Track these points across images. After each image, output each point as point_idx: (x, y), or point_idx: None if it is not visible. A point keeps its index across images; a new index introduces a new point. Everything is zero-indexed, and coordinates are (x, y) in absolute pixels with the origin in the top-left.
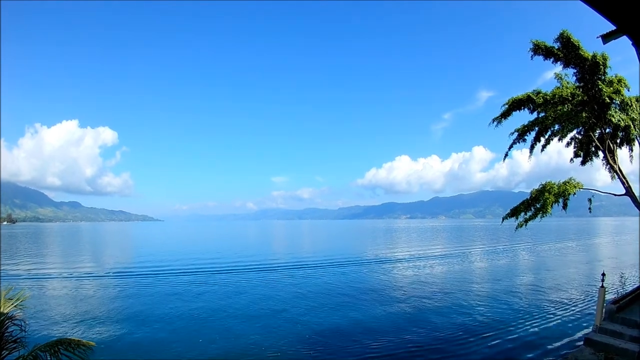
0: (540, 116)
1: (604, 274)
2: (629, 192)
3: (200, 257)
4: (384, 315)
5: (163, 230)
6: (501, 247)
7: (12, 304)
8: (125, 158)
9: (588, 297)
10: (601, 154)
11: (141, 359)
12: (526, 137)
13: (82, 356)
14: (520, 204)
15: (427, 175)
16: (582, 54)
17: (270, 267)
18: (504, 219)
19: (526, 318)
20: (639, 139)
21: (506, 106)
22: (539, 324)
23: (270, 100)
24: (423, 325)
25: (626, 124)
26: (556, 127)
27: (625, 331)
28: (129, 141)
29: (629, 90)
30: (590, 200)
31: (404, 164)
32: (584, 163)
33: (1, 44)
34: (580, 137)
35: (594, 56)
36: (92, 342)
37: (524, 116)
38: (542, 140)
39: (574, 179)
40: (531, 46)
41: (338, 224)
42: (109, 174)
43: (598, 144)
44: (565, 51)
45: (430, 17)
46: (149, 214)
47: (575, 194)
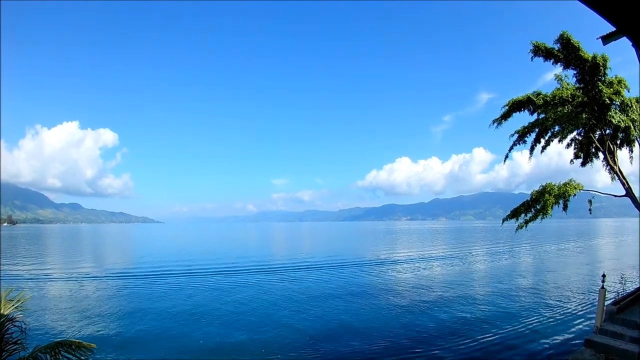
0: (540, 117)
1: (604, 275)
2: (629, 193)
3: (200, 259)
4: (384, 316)
5: (164, 232)
6: (501, 248)
7: (13, 305)
8: (126, 159)
9: (588, 299)
10: (601, 155)
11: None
12: (526, 138)
13: (82, 358)
14: (521, 205)
15: (428, 176)
16: (582, 55)
17: (269, 269)
18: (504, 221)
19: (526, 319)
20: (639, 140)
21: (506, 108)
22: (539, 325)
23: (270, 102)
24: (423, 326)
25: (626, 125)
26: (556, 128)
27: (625, 332)
28: (129, 142)
29: (629, 92)
30: (590, 201)
31: (404, 165)
32: (584, 164)
33: (1, 44)
34: (580, 138)
35: (594, 57)
36: (93, 344)
37: (524, 117)
38: (542, 141)
39: (574, 180)
40: (531, 47)
41: (338, 225)
42: (110, 176)
43: (598, 145)
44: (566, 52)
45: (430, 18)
46: (149, 216)
47: (575, 195)
